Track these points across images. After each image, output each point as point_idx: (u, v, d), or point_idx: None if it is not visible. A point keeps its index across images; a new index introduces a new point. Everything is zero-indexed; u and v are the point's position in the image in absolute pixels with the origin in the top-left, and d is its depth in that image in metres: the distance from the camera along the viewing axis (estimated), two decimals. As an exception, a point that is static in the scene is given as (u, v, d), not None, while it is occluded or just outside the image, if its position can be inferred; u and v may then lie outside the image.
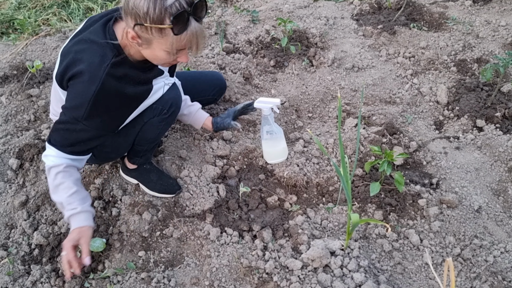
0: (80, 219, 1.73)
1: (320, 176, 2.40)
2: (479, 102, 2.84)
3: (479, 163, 2.48)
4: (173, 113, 2.03)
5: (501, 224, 2.16)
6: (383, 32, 3.62)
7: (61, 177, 1.71)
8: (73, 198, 1.73)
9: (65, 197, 1.72)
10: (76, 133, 1.67)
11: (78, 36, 1.70)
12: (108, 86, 1.58)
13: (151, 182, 2.23)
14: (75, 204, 1.73)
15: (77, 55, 1.61)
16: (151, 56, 1.63)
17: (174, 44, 1.52)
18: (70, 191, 1.72)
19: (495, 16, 3.74)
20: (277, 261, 1.96)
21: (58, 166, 1.70)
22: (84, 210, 1.74)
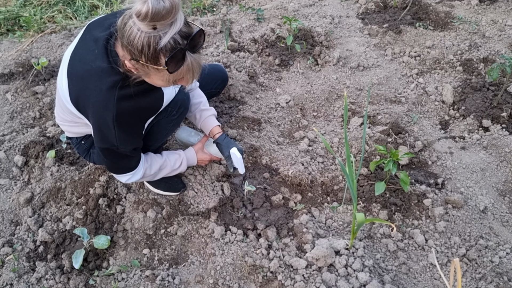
0: (191, 154, 2.16)
1: (325, 175, 2.39)
2: (485, 102, 2.82)
3: (485, 163, 2.46)
4: (181, 114, 2.03)
5: (507, 224, 2.15)
6: (388, 31, 3.61)
7: (153, 166, 1.98)
8: (172, 159, 2.06)
9: (170, 167, 2.05)
10: (122, 156, 1.78)
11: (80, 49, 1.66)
12: (123, 108, 1.58)
13: (156, 180, 2.23)
14: (179, 159, 2.08)
15: (85, 83, 1.60)
16: (151, 82, 1.61)
17: (171, 77, 1.51)
18: (165, 161, 2.03)
19: (502, 16, 3.72)
20: (282, 260, 1.96)
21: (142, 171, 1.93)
22: (183, 153, 2.13)
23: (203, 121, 2.24)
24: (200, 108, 2.23)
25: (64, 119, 1.86)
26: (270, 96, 3.00)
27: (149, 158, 1.98)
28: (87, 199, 2.21)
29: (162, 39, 1.35)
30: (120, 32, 1.42)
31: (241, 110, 2.82)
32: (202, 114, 2.24)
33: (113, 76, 1.56)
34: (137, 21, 1.34)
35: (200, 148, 2.21)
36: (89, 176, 2.31)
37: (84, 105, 1.63)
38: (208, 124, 2.24)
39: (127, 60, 1.48)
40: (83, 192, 2.25)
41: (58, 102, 1.86)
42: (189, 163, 2.15)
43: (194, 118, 2.27)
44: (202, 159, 2.20)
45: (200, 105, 2.23)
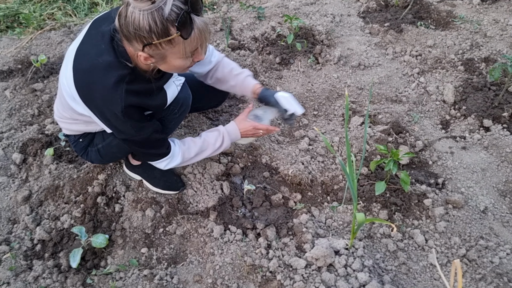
0: (232, 128, 2.07)
1: (325, 175, 2.38)
2: (486, 101, 2.81)
3: (486, 164, 2.45)
4: (183, 112, 2.02)
5: (507, 225, 2.13)
6: (389, 30, 3.59)
7: (191, 149, 1.96)
8: (212, 138, 2.01)
9: (211, 147, 2.01)
10: (147, 143, 1.78)
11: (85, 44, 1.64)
12: (130, 102, 1.57)
13: (155, 178, 2.21)
14: (219, 136, 2.02)
15: (91, 77, 1.58)
16: (169, 69, 1.61)
17: (187, 47, 1.49)
18: (205, 142, 2.00)
19: (504, 15, 3.70)
20: (281, 259, 1.94)
21: (179, 154, 1.93)
22: (222, 129, 2.05)
23: (240, 86, 2.16)
24: (233, 74, 2.15)
25: (63, 115, 1.85)
26: (270, 95, 2.98)
27: (186, 141, 1.97)
28: (85, 197, 2.20)
29: (165, 9, 1.36)
30: (125, 27, 1.42)
31: (241, 108, 2.80)
32: (237, 78, 2.15)
33: (120, 70, 1.55)
34: (135, 3, 1.35)
35: (242, 119, 2.10)
36: (87, 174, 2.29)
37: (90, 99, 1.62)
38: (246, 86, 2.16)
39: (140, 52, 1.48)
40: (82, 191, 2.24)
41: (59, 98, 1.83)
42: (232, 137, 2.06)
43: (231, 86, 2.18)
44: (245, 128, 2.07)
45: (232, 71, 2.15)
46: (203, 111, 2.74)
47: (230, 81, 2.15)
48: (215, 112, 2.80)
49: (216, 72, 2.14)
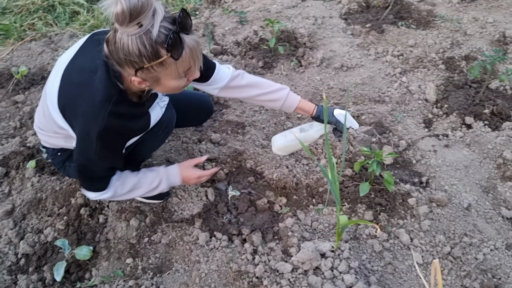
0: (173, 171, 1.92)
1: (310, 177, 2.38)
2: (468, 99, 2.84)
3: (468, 161, 2.47)
4: (167, 133, 1.99)
5: (490, 221, 2.15)
6: (371, 30, 3.62)
7: (125, 185, 1.80)
8: (149, 178, 1.86)
9: (146, 187, 1.85)
10: (96, 174, 1.71)
11: (80, 57, 1.62)
12: (110, 124, 1.54)
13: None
14: (157, 177, 1.87)
15: (79, 91, 1.55)
16: (164, 90, 1.58)
17: (180, 68, 1.46)
18: (140, 180, 1.84)
19: (483, 13, 3.75)
20: (267, 264, 1.94)
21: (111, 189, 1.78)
22: (165, 170, 1.91)
23: (285, 103, 2.03)
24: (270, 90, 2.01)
25: (45, 126, 1.80)
26: (254, 99, 2.99)
27: (122, 175, 1.82)
28: (68, 209, 2.17)
29: (153, 31, 1.33)
30: (115, 53, 1.39)
31: (225, 114, 2.80)
32: (278, 95, 2.01)
33: (109, 89, 1.52)
34: (122, 29, 1.32)
35: (187, 165, 1.96)
36: (70, 185, 2.27)
37: (72, 113, 1.58)
38: (294, 101, 2.03)
39: (134, 77, 1.45)
40: (65, 202, 2.21)
41: (42, 108, 1.78)
42: (171, 182, 1.91)
43: (264, 101, 2.04)
44: (188, 176, 1.94)
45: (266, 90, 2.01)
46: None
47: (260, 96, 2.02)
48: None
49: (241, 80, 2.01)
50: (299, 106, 2.05)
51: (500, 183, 2.36)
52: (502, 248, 2.03)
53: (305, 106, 2.06)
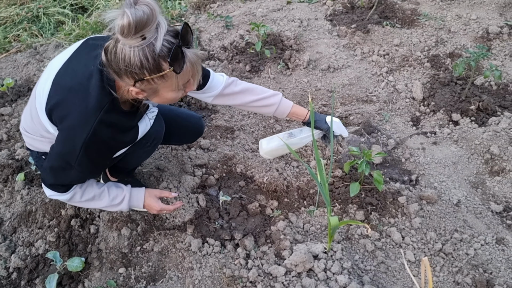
0: (137, 194, 1.87)
1: (300, 180, 2.39)
2: (454, 96, 2.87)
3: (456, 157, 2.50)
4: (155, 145, 1.98)
5: (480, 216, 2.18)
6: (357, 31, 3.65)
7: (86, 194, 1.77)
8: (112, 193, 1.81)
9: (107, 201, 1.80)
10: (70, 175, 1.67)
11: (74, 61, 1.60)
12: (99, 133, 1.53)
13: None
14: (120, 195, 1.82)
15: (71, 96, 1.52)
16: (161, 101, 1.58)
17: (180, 81, 1.47)
18: (103, 193, 1.80)
19: (466, 10, 3.80)
20: (260, 268, 1.94)
21: (70, 192, 1.74)
22: (130, 190, 1.86)
23: (278, 109, 2.03)
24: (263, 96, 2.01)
25: (31, 128, 1.76)
26: (242, 103, 2.99)
27: (86, 184, 1.77)
28: (59, 221, 2.16)
29: (156, 45, 1.33)
30: (114, 63, 1.38)
31: (214, 119, 2.80)
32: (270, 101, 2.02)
33: (103, 97, 1.51)
34: (125, 40, 1.31)
35: (155, 195, 1.93)
36: (60, 197, 2.26)
37: (60, 116, 1.55)
38: (286, 107, 2.04)
39: (132, 87, 1.44)
40: (55, 214, 2.20)
41: (30, 110, 1.75)
42: (133, 204, 1.87)
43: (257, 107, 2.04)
44: (150, 205, 1.90)
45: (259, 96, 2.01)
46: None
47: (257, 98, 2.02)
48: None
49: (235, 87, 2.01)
50: (292, 112, 2.06)
51: (488, 178, 2.39)
52: (492, 242, 2.05)
53: (297, 111, 2.07)
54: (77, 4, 4.39)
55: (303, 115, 2.07)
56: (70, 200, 1.77)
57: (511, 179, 2.35)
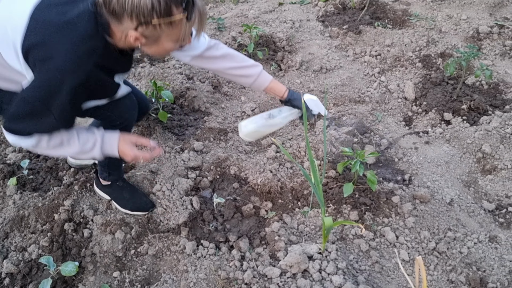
0: (110, 139, 1.68)
1: (294, 181, 2.39)
2: (445, 95, 2.89)
3: (449, 156, 2.51)
4: (125, 127, 1.89)
5: (473, 215, 2.19)
6: (348, 32, 3.66)
7: (53, 138, 1.58)
8: (83, 138, 1.63)
9: (77, 146, 1.61)
10: (43, 122, 1.50)
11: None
12: (90, 79, 1.43)
13: (124, 199, 2.19)
14: (91, 140, 1.64)
15: (58, 36, 1.38)
16: (156, 52, 1.50)
17: (187, 30, 1.42)
18: (73, 138, 1.61)
19: (456, 10, 3.83)
20: (255, 270, 1.94)
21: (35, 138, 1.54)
22: (102, 134, 1.68)
23: (256, 81, 1.97)
24: (243, 65, 1.94)
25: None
26: (236, 105, 3.00)
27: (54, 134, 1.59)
28: (52, 225, 2.14)
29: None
30: (117, 2, 1.31)
31: (207, 121, 2.80)
32: (250, 71, 1.95)
33: (96, 39, 1.42)
34: None
35: (129, 141, 1.74)
36: (53, 201, 2.24)
37: (42, 57, 1.39)
38: (262, 82, 1.97)
39: (132, 31, 1.37)
40: (48, 219, 2.18)
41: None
42: (105, 148, 1.68)
43: (236, 76, 1.98)
44: (124, 151, 1.71)
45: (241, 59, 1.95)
46: (167, 128, 2.73)
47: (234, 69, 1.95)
48: (180, 127, 2.79)
49: (216, 51, 1.91)
50: (270, 86, 1.99)
51: (480, 177, 2.41)
52: (485, 241, 2.06)
53: (276, 87, 2.00)
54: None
55: (281, 92, 2.00)
56: (35, 147, 1.58)
57: (503, 177, 2.37)
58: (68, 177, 2.42)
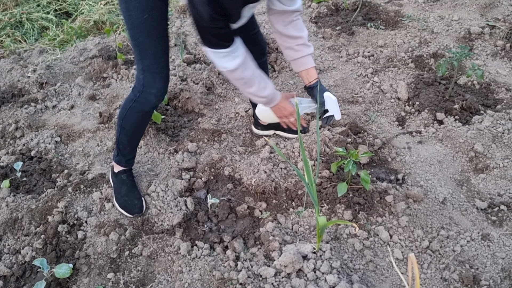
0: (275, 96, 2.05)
1: (288, 181, 2.40)
2: (438, 95, 2.91)
3: (442, 155, 2.53)
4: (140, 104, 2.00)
5: (465, 213, 2.21)
6: (342, 33, 3.68)
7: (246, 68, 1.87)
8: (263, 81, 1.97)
9: (257, 85, 1.94)
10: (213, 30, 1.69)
11: None
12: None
13: (119, 193, 2.22)
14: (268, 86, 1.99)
15: None
16: None
17: None
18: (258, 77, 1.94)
19: (448, 11, 3.86)
20: (250, 270, 1.94)
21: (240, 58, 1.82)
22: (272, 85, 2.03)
23: (298, 59, 2.11)
24: (298, 43, 2.06)
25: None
26: (229, 106, 3.00)
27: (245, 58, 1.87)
28: (45, 227, 2.13)
29: None
30: None
31: (201, 122, 2.80)
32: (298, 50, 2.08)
33: None
34: None
35: (288, 96, 2.12)
36: (46, 203, 2.23)
37: None
38: (301, 65, 2.12)
39: None
40: (41, 221, 2.17)
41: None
42: (271, 99, 2.04)
43: (288, 49, 2.10)
44: (284, 107, 2.09)
45: (299, 40, 2.06)
46: (161, 130, 2.73)
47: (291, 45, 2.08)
48: (174, 128, 2.79)
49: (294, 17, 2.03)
50: (306, 71, 2.13)
51: (473, 176, 2.43)
52: (478, 239, 2.08)
53: (308, 74, 2.13)
54: (61, 9, 4.36)
55: (309, 80, 2.14)
56: (236, 70, 1.84)
57: (495, 176, 2.39)
58: (61, 179, 2.42)
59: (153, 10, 1.80)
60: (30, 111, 2.93)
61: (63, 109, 2.99)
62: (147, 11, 1.78)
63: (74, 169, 2.52)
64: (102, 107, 2.97)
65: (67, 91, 3.16)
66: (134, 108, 2.00)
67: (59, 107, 3.01)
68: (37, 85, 3.15)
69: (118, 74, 3.25)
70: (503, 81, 3.03)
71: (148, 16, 1.79)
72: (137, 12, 1.78)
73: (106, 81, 3.23)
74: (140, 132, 2.15)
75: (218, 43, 1.75)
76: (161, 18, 1.85)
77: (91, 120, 2.88)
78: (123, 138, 2.13)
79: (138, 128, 2.12)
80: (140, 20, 1.79)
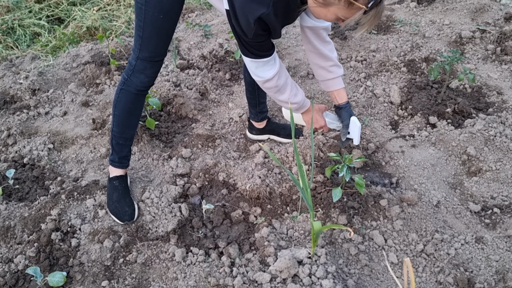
0: (307, 104, 2.11)
1: (283, 186, 2.40)
2: (430, 99, 2.93)
3: (435, 159, 2.55)
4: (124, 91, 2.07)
5: (459, 216, 2.22)
6: (334, 37, 3.70)
7: (281, 74, 1.93)
8: (294, 88, 2.01)
9: (288, 92, 1.98)
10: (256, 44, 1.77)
11: None
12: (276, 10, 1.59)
13: (111, 200, 2.21)
14: (299, 94, 2.03)
15: None
16: (318, 13, 1.61)
17: (356, 18, 1.50)
18: (291, 84, 1.99)
19: (439, 16, 3.90)
20: (245, 276, 1.94)
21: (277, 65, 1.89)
22: (303, 95, 2.08)
23: (330, 80, 2.18)
24: (331, 64, 2.14)
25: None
26: (223, 112, 3.00)
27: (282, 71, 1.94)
28: (39, 235, 2.11)
29: None
30: None
31: (195, 128, 2.80)
32: (331, 71, 2.15)
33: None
34: None
35: (320, 110, 2.18)
36: (39, 211, 2.21)
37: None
38: (335, 85, 2.19)
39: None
40: (34, 229, 2.15)
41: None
42: (301, 105, 2.08)
43: (320, 71, 2.17)
44: (317, 118, 2.16)
45: (331, 61, 2.13)
46: (155, 136, 2.72)
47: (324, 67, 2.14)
48: (168, 134, 2.78)
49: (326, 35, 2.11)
50: (337, 91, 2.20)
51: (466, 179, 2.44)
52: (472, 242, 2.09)
53: (340, 95, 2.21)
54: (53, 15, 4.35)
55: (340, 101, 2.21)
56: (275, 76, 1.89)
57: (487, 179, 2.41)
58: (54, 186, 2.40)
59: (170, 12, 1.85)
60: (23, 118, 2.91)
61: (56, 116, 2.97)
62: (164, 12, 1.82)
63: (67, 176, 2.50)
64: (95, 114, 2.95)
65: (59, 98, 3.14)
66: (123, 90, 2.06)
67: (52, 114, 2.99)
68: (29, 91, 3.14)
69: (111, 80, 3.24)
70: (494, 84, 3.06)
71: (163, 17, 1.83)
72: (154, 10, 1.81)
73: (99, 87, 3.22)
74: (131, 120, 2.16)
75: (260, 54, 1.82)
76: (173, 21, 1.90)
77: (84, 127, 2.87)
78: (115, 129, 2.16)
79: (129, 114, 2.13)
80: (154, 18, 1.83)
